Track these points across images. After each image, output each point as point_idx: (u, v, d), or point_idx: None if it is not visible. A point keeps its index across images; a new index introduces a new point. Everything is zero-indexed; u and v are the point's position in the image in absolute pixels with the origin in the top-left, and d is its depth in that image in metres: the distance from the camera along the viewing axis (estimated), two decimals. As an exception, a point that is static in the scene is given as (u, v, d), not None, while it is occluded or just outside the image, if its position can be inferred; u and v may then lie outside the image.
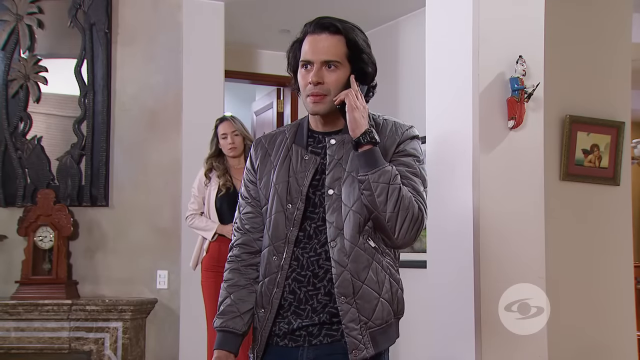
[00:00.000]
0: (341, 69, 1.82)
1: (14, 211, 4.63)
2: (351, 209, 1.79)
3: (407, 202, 1.77)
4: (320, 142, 1.89)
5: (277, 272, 1.84)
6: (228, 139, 4.07)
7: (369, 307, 1.79)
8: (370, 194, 1.75)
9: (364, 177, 1.76)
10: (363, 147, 1.78)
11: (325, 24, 1.83)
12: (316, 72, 1.81)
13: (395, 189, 1.76)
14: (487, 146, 3.01)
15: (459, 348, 3.02)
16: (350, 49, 1.82)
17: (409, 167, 1.84)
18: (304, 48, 1.84)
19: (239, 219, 1.97)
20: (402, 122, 1.92)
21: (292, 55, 1.89)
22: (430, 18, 3.32)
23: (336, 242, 1.79)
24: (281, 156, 1.90)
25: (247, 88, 6.90)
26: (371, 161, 1.77)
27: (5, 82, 4.70)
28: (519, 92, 2.99)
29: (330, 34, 1.82)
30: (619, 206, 3.91)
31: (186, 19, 4.84)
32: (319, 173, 1.86)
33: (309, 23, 1.86)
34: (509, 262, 3.00)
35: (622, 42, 3.96)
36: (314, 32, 1.83)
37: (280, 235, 1.84)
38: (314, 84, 1.81)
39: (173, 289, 4.68)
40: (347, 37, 1.82)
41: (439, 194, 3.07)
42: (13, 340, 4.32)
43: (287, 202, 1.84)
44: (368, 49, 1.87)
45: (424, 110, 3.32)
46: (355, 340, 1.77)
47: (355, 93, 1.81)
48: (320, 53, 1.81)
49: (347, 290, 1.78)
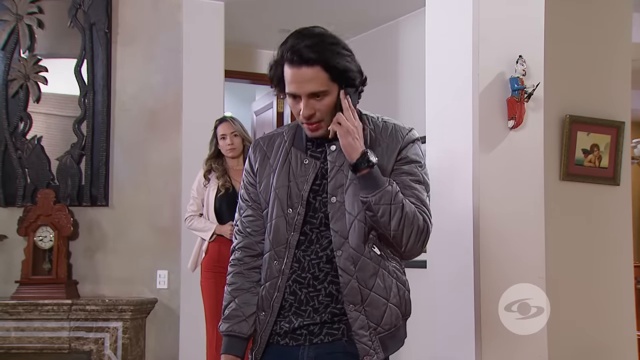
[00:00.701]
0: (329, 94, 1.77)
1: (14, 211, 4.63)
2: (356, 218, 1.79)
3: (412, 217, 1.77)
4: (319, 146, 1.87)
5: (277, 277, 1.84)
6: (227, 140, 4.07)
7: (378, 314, 1.80)
8: (373, 215, 1.75)
9: (365, 199, 1.75)
10: (361, 171, 1.75)
11: (303, 57, 1.72)
12: (306, 106, 1.76)
13: (397, 207, 1.75)
14: (487, 146, 3.01)
15: (459, 348, 3.02)
16: (332, 72, 1.76)
17: (411, 175, 1.83)
18: (287, 78, 1.77)
19: (240, 222, 1.95)
20: (401, 125, 1.89)
21: (275, 76, 1.82)
22: (430, 18, 3.32)
23: (342, 251, 1.79)
24: (280, 159, 1.89)
25: (247, 88, 6.90)
26: (371, 183, 1.75)
27: (5, 82, 4.70)
28: (519, 92, 2.99)
29: (309, 67, 1.73)
30: (619, 206, 3.91)
31: (186, 19, 4.84)
32: (319, 178, 1.85)
33: (284, 46, 1.76)
34: (509, 262, 3.00)
35: (622, 42, 3.96)
36: (292, 64, 1.74)
37: (281, 240, 1.84)
38: (307, 118, 1.78)
39: (173, 289, 4.68)
40: (327, 65, 1.74)
41: (439, 194, 3.06)
42: (13, 340, 4.32)
43: (288, 206, 1.84)
44: (348, 59, 1.78)
45: (424, 110, 3.32)
46: (365, 346, 1.78)
47: (346, 112, 1.77)
48: (305, 87, 1.75)
49: (356, 299, 1.78)
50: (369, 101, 1.88)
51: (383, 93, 5.09)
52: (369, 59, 1.88)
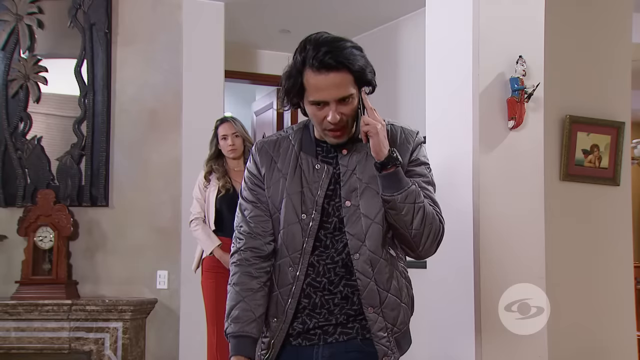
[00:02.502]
0: (355, 97, 1.79)
1: (14, 211, 4.63)
2: (373, 221, 1.80)
3: (431, 217, 1.81)
4: (329, 151, 1.87)
5: (292, 283, 1.83)
6: (228, 141, 4.06)
7: (394, 315, 1.83)
8: (397, 214, 1.77)
9: (391, 197, 1.76)
10: (388, 170, 1.77)
11: (331, 64, 1.73)
12: (334, 111, 1.76)
13: (420, 207, 1.78)
14: (487, 146, 3.01)
15: (459, 348, 3.02)
16: (355, 74, 1.77)
17: (423, 177, 1.87)
18: (312, 86, 1.76)
19: (245, 223, 1.91)
20: (409, 128, 1.92)
21: (291, 86, 1.79)
22: (430, 18, 3.32)
23: (359, 254, 1.80)
24: (291, 165, 1.87)
25: (247, 88, 6.90)
26: (396, 183, 1.77)
27: (5, 82, 4.70)
28: (519, 92, 2.99)
29: (337, 72, 1.74)
30: (619, 206, 3.91)
31: (186, 19, 4.85)
32: (332, 183, 1.85)
33: (308, 55, 1.75)
34: (509, 262, 3.00)
35: (622, 42, 3.96)
36: (320, 71, 1.73)
37: (296, 247, 1.83)
38: (335, 124, 1.78)
39: (173, 289, 4.68)
40: (353, 69, 1.76)
41: (439, 194, 3.04)
42: (13, 340, 4.32)
43: (302, 212, 1.83)
44: (366, 60, 1.80)
45: (424, 110, 3.32)
46: (384, 347, 1.81)
47: (370, 112, 1.79)
48: (334, 93, 1.75)
49: (374, 301, 1.81)
50: (369, 101, 1.87)
51: (383, 93, 5.07)
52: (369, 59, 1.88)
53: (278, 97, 6.29)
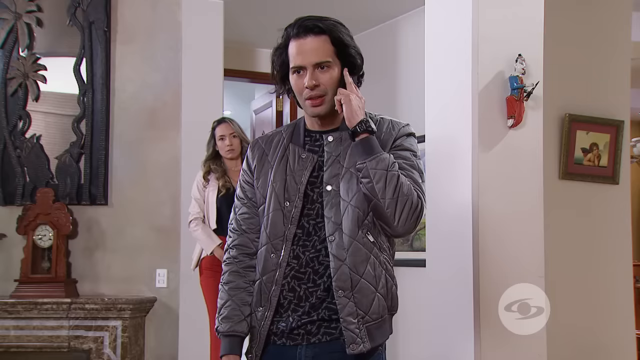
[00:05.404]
0: (333, 67, 1.83)
1: (13, 210, 4.63)
2: (349, 204, 1.80)
3: (406, 189, 1.78)
4: (317, 140, 1.90)
5: (275, 270, 1.84)
6: (226, 141, 4.06)
7: (366, 302, 1.79)
8: (369, 181, 1.77)
9: (362, 164, 1.78)
10: (360, 136, 1.80)
11: (309, 25, 1.83)
12: (310, 76, 1.82)
13: (393, 175, 1.77)
14: (486, 145, 3.01)
15: (458, 347, 3.02)
16: (337, 46, 1.84)
17: (406, 160, 1.86)
18: (291, 53, 1.85)
19: (234, 220, 1.97)
20: (397, 120, 1.94)
21: (278, 61, 1.89)
22: (430, 17, 3.32)
23: (334, 237, 1.80)
24: (278, 155, 1.91)
25: (246, 87, 6.90)
26: (368, 149, 1.79)
27: (4, 80, 4.70)
28: (519, 91, 2.99)
29: (315, 35, 1.83)
30: (618, 205, 3.91)
31: (185, 18, 4.84)
32: (317, 170, 1.87)
33: (290, 26, 1.86)
34: (508, 261, 3.00)
35: (621, 41, 3.96)
36: (298, 36, 1.83)
37: (278, 233, 1.85)
38: (311, 88, 1.82)
39: (172, 288, 4.68)
40: (332, 36, 1.83)
41: (438, 193, 3.07)
42: (12, 338, 4.32)
43: (285, 199, 1.85)
44: (353, 42, 1.88)
45: (423, 109, 3.33)
46: (352, 334, 1.78)
47: (349, 86, 1.83)
48: (310, 56, 1.82)
49: (346, 284, 1.78)
50: (368, 100, 1.89)
51: (382, 92, 5.09)
52: (368, 57, 1.89)
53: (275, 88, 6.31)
